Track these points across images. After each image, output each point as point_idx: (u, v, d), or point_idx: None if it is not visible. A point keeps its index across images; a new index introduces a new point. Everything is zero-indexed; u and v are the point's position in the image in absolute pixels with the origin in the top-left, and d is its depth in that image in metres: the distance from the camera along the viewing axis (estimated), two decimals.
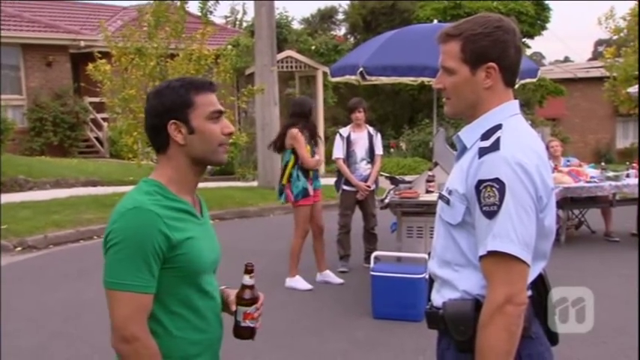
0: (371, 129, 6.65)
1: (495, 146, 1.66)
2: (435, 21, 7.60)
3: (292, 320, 5.26)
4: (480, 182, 1.65)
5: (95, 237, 9.03)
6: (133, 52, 10.81)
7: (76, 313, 5.59)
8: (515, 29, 1.78)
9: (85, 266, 7.35)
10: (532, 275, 1.69)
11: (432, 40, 7.22)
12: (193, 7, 12.06)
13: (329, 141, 17.32)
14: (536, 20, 19.85)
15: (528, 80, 7.02)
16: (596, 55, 24.04)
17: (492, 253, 1.61)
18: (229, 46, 14.96)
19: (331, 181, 15.95)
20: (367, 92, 20.77)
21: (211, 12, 11.40)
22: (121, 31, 11.54)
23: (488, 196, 1.64)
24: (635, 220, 8.47)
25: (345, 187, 6.53)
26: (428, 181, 5.16)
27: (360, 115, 6.47)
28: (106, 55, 11.33)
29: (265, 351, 4.57)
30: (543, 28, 20.38)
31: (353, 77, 7.30)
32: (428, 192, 5.17)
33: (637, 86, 9.41)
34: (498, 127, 1.71)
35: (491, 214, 1.63)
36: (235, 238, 9.08)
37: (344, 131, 6.67)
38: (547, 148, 8.63)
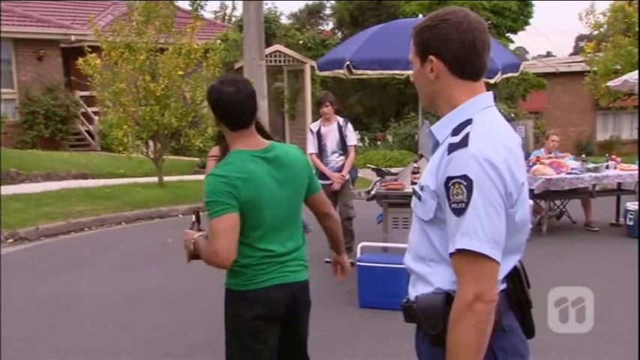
0: (340, 120, 6.61)
1: (464, 142, 1.65)
2: (420, 16, 7.75)
3: None
4: (449, 179, 1.64)
5: (86, 229, 9.18)
6: (122, 46, 10.91)
7: (66, 304, 5.70)
8: (468, 23, 1.73)
9: (76, 258, 7.50)
10: (505, 269, 1.69)
11: None
12: (183, 3, 12.20)
13: None
14: (520, 16, 20.10)
15: (510, 74, 7.20)
16: (578, 50, 24.34)
17: (461, 251, 1.61)
18: (218, 41, 15.07)
19: None
20: (354, 86, 20.97)
21: (202, 7, 11.50)
22: (111, 26, 11.63)
23: (457, 193, 1.63)
24: (614, 211, 8.73)
25: (322, 181, 6.26)
26: (413, 172, 5.32)
27: (327, 110, 6.48)
28: (96, 49, 11.43)
29: None
30: (526, 23, 20.65)
31: (340, 71, 7.44)
32: (413, 183, 5.34)
33: (617, 80, 9.65)
34: (468, 122, 1.70)
35: (459, 212, 1.62)
36: None
37: (314, 126, 6.71)
38: (548, 140, 8.87)
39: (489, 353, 1.64)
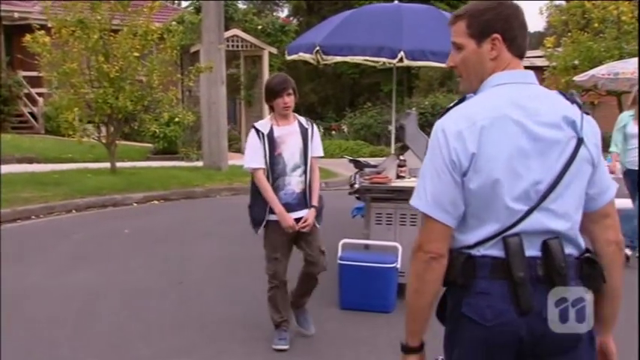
0: (303, 120, 4.26)
1: (441, 115, 1.86)
2: (396, 1, 7.52)
3: (253, 311, 5.00)
4: None
5: (33, 217, 8.62)
6: (74, 24, 10.31)
7: (15, 299, 5.19)
8: (518, 6, 1.89)
9: (25, 249, 6.98)
10: (479, 235, 1.80)
11: (391, 20, 7.06)
12: None
13: None
14: None
15: None
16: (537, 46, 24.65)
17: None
18: (174, 23, 14.51)
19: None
20: (309, 75, 20.72)
21: None
22: (61, 2, 10.98)
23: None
24: None
25: (271, 217, 4.15)
26: (399, 166, 5.07)
27: (288, 100, 4.08)
28: (43, 27, 10.77)
29: (227, 344, 4.44)
30: None
31: (308, 55, 7.17)
32: (399, 177, 5.07)
33: (584, 75, 9.67)
34: (463, 99, 1.89)
35: None
36: (184, 219, 8.87)
37: (262, 126, 4.16)
38: None
39: (460, 302, 1.82)
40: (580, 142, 1.80)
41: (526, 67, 1.93)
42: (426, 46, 6.68)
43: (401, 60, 6.55)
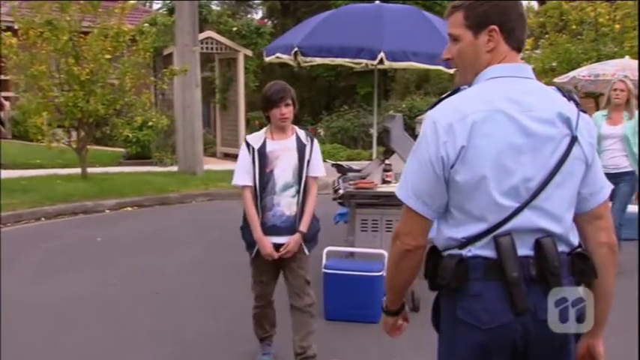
0: (302, 134, 3.84)
1: (433, 106, 1.85)
2: (377, 1, 7.36)
3: (234, 322, 4.83)
4: None
5: (1, 225, 8.26)
6: (42, 25, 9.95)
7: None
8: None
9: None
10: (465, 232, 1.78)
11: (371, 21, 6.88)
12: None
13: (249, 126, 16.94)
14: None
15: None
16: None
17: None
18: (146, 24, 14.19)
19: (226, 165, 14.92)
20: (284, 78, 20.35)
21: None
22: (29, 2, 10.61)
23: None
24: None
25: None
26: (385, 170, 4.87)
27: (286, 112, 3.68)
28: (10, 28, 10.39)
29: (206, 358, 4.23)
30: None
31: (285, 56, 6.99)
32: (385, 182, 4.87)
33: (564, 76, 9.64)
34: (457, 90, 1.87)
35: None
36: (158, 226, 8.61)
37: (254, 140, 3.80)
38: None
39: (454, 306, 1.80)
40: (574, 140, 1.77)
41: None
42: (407, 46, 6.54)
43: (381, 61, 6.40)
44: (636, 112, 6.12)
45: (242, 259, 4.13)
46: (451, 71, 6.88)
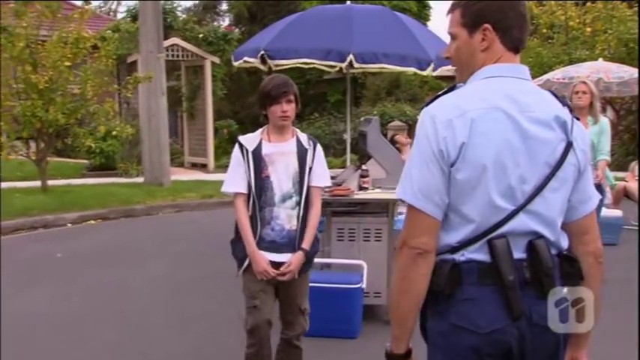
0: (304, 137, 3.38)
1: (429, 102, 1.79)
2: (349, 2, 7.13)
3: (204, 341, 4.60)
4: None
5: None
6: None
7: None
8: None
9: None
10: (460, 233, 1.72)
11: (340, 22, 6.59)
12: None
13: (217, 135, 16.59)
14: (418, 17, 20.14)
15: (451, 67, 6.70)
16: None
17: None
18: (109, 31, 13.78)
19: (194, 176, 14.58)
20: (253, 86, 20.11)
21: None
22: None
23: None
24: None
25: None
26: (362, 176, 4.59)
27: (287, 109, 3.23)
28: None
29: None
30: (424, 25, 20.73)
31: (253, 60, 6.73)
32: (362, 189, 4.57)
33: (539, 80, 9.52)
34: (452, 88, 1.83)
35: None
36: (123, 240, 8.24)
37: (248, 140, 3.32)
38: None
39: (446, 312, 1.73)
40: (569, 145, 1.75)
41: None
42: (377, 48, 6.32)
43: (351, 63, 6.18)
44: (602, 118, 5.85)
45: (210, 271, 3.84)
46: (424, 73, 6.68)
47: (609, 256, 2.34)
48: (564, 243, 1.82)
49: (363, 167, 4.67)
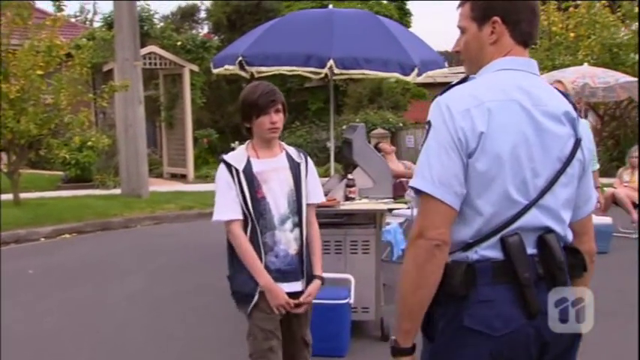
0: (293, 151, 3.07)
1: (442, 93, 1.75)
2: (331, 6, 6.93)
3: (186, 355, 4.45)
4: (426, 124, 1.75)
5: None
6: None
7: None
8: None
9: None
10: (471, 231, 1.69)
11: (320, 27, 6.40)
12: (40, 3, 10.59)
13: (197, 145, 16.30)
14: (400, 24, 20.12)
15: (438, 71, 6.54)
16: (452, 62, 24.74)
17: (416, 190, 1.70)
18: (84, 39, 13.46)
19: (174, 186, 14.27)
20: (232, 94, 19.87)
21: None
22: None
23: (423, 136, 1.75)
24: None
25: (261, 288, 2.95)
26: (348, 186, 4.36)
27: (277, 120, 2.90)
28: None
29: None
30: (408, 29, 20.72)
31: (233, 67, 6.50)
32: (348, 199, 4.34)
33: None
34: (466, 79, 1.80)
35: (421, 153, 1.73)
36: (100, 254, 7.97)
37: (235, 158, 2.94)
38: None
39: (458, 314, 1.68)
40: (578, 142, 1.75)
41: (440, 83, 1.62)
42: (358, 53, 6.11)
43: (331, 69, 5.97)
44: (582, 120, 5.72)
45: (191, 286, 3.60)
46: (408, 79, 6.47)
47: (602, 264, 2.27)
48: (570, 238, 1.82)
49: (349, 176, 4.46)
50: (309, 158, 3.07)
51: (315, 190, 3.04)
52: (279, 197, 2.90)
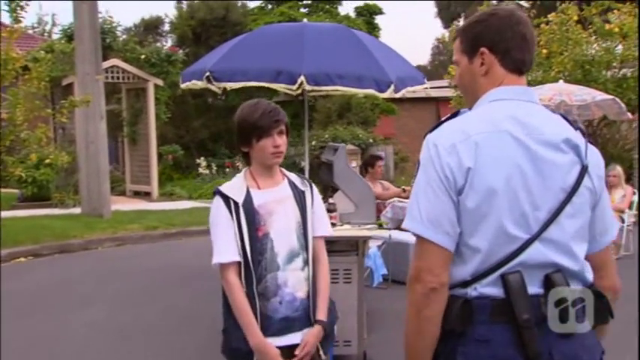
0: (296, 178, 2.72)
1: (432, 130, 1.73)
2: (305, 20, 6.67)
3: None
4: None
5: None
6: None
7: None
8: (514, 16, 1.77)
9: None
10: (469, 269, 1.64)
11: (291, 41, 6.11)
12: None
13: (162, 161, 15.85)
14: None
15: (417, 87, 6.31)
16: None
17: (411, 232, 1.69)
18: (42, 52, 12.97)
19: (137, 205, 13.87)
20: (198, 109, 19.55)
21: (22, 7, 9.49)
22: None
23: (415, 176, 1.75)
24: None
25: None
26: (329, 210, 4.05)
27: (280, 143, 2.55)
28: None
29: None
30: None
31: (201, 83, 6.19)
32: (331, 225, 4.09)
33: None
34: (456, 114, 1.78)
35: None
36: (58, 279, 7.57)
37: (232, 190, 2.57)
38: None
39: (453, 351, 1.65)
40: (584, 169, 1.68)
41: (408, 99, 1.44)
42: (331, 69, 5.84)
43: (301, 86, 5.70)
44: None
45: (157, 311, 3.27)
46: (384, 95, 6.23)
47: None
48: (589, 276, 1.73)
49: (330, 201, 4.16)
50: (313, 185, 2.72)
51: (322, 221, 2.68)
52: (287, 232, 2.53)
